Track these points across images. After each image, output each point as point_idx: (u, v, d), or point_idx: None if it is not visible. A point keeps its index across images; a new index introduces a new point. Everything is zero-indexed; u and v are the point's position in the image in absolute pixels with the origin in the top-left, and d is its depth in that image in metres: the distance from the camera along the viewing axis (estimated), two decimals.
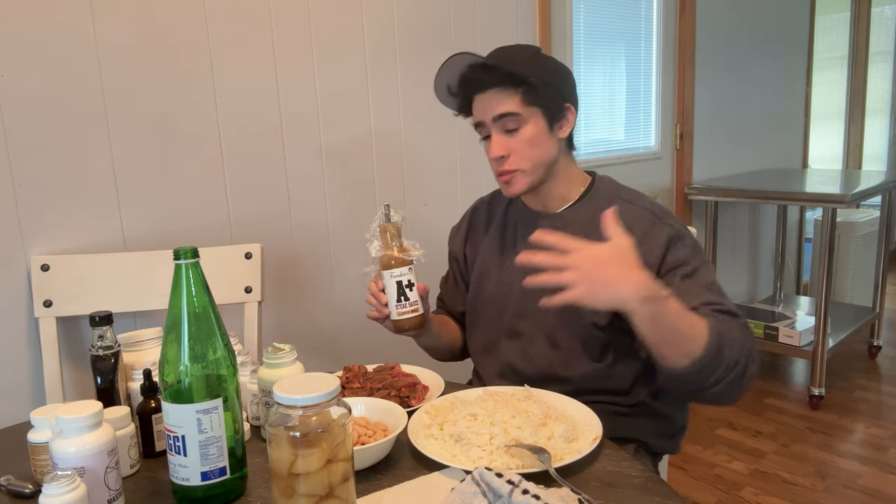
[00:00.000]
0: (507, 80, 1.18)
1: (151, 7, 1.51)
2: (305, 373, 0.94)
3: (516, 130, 1.19)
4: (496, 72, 1.19)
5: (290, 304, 1.83)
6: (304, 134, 1.79)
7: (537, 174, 1.22)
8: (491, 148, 1.21)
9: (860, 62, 4.49)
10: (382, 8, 1.91)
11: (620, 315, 1.10)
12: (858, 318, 3.20)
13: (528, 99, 1.18)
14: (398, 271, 1.15)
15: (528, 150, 1.20)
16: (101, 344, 1.01)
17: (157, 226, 1.57)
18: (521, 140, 1.20)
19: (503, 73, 1.18)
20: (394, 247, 1.16)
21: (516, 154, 1.20)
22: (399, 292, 1.16)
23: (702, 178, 3.21)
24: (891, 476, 2.28)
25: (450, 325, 1.42)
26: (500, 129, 1.20)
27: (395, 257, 1.15)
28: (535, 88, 1.19)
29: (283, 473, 0.74)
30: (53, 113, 1.41)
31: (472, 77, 1.22)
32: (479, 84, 1.21)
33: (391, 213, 1.17)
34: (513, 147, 1.20)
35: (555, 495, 0.78)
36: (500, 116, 1.19)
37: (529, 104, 1.19)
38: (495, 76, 1.19)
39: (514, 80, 1.18)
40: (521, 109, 1.19)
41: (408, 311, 1.16)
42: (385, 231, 1.17)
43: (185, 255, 0.84)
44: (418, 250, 1.17)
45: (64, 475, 0.74)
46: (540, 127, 1.20)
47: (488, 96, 1.20)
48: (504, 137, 1.20)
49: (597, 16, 2.66)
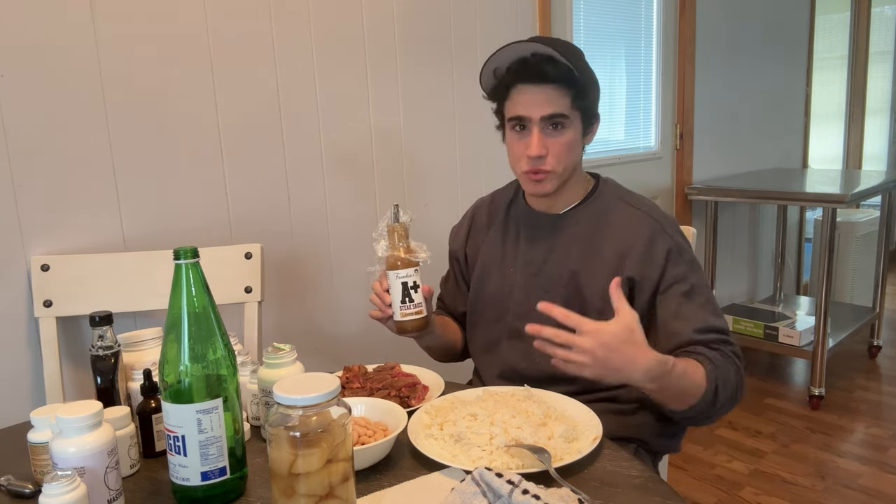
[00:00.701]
0: (565, 79, 1.15)
1: (152, 7, 1.51)
2: (305, 373, 0.94)
3: (560, 132, 1.17)
4: (561, 68, 1.14)
5: (290, 304, 1.83)
6: (304, 134, 1.79)
7: (565, 177, 1.22)
8: (531, 145, 1.17)
9: (860, 62, 4.48)
10: (382, 7, 1.91)
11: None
12: (858, 318, 3.20)
13: (576, 102, 1.17)
14: (404, 272, 1.14)
15: (565, 154, 1.19)
16: (101, 344, 1.01)
17: (157, 226, 1.57)
18: (561, 143, 1.18)
19: (567, 70, 1.15)
20: (401, 248, 1.15)
21: (554, 156, 1.18)
22: (404, 293, 1.15)
23: (702, 178, 3.21)
24: (891, 476, 2.27)
25: (450, 325, 1.41)
26: (544, 128, 1.17)
27: (402, 258, 1.14)
28: (585, 93, 1.17)
29: (283, 473, 0.74)
30: (53, 113, 1.41)
31: (533, 66, 1.16)
32: (538, 75, 1.16)
33: (400, 214, 1.16)
34: (552, 148, 1.18)
35: (555, 495, 0.78)
36: (550, 116, 1.16)
37: (576, 108, 1.17)
38: (559, 72, 1.15)
39: (571, 80, 1.15)
40: (569, 112, 1.17)
41: (412, 313, 1.15)
42: (393, 231, 1.16)
43: (185, 255, 0.84)
44: (425, 252, 1.16)
45: (64, 475, 0.74)
46: (578, 132, 1.20)
47: (542, 91, 1.16)
48: (545, 137, 1.17)
49: (597, 16, 2.66)
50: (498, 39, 2.19)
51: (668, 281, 1.15)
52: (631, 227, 1.20)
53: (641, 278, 1.16)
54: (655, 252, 1.17)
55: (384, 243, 1.16)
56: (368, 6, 1.88)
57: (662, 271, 1.16)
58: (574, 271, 1.21)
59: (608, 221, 1.23)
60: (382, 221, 1.17)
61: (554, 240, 1.25)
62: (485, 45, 2.17)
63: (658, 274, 1.16)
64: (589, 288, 1.20)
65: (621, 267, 1.18)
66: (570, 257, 1.22)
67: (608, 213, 1.24)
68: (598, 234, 1.22)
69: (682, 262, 1.17)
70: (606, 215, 1.23)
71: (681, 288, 1.15)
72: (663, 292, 1.15)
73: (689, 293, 1.15)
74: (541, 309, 0.98)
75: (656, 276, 1.15)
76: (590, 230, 1.23)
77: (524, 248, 1.28)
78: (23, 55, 1.36)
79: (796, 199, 3.01)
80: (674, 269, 1.16)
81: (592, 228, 1.23)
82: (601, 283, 1.18)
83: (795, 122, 3.92)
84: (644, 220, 1.21)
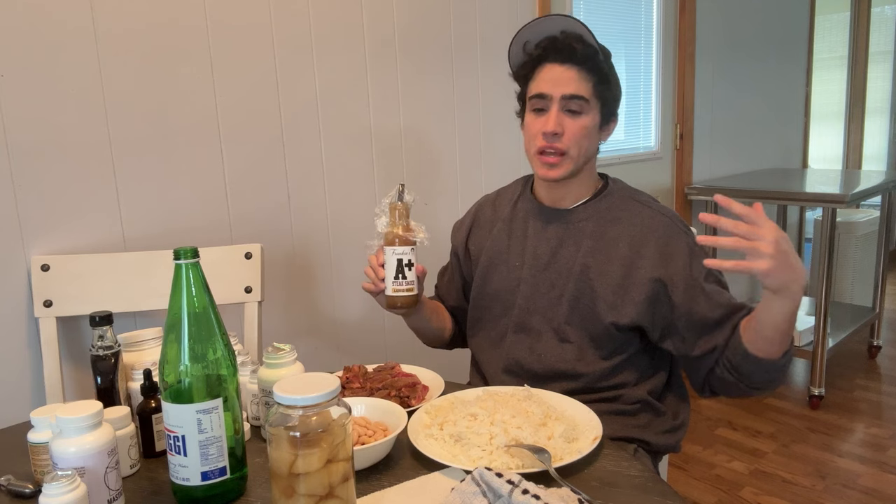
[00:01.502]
0: (591, 62, 1.18)
1: (151, 7, 1.51)
2: (305, 373, 0.94)
3: (578, 115, 1.19)
4: (589, 49, 1.18)
5: (290, 304, 1.83)
6: (304, 133, 1.79)
7: (578, 164, 1.22)
8: (548, 121, 1.18)
9: (860, 62, 4.49)
10: (382, 6, 1.91)
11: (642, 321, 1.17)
12: (858, 318, 3.20)
13: (598, 90, 1.19)
14: (401, 249, 1.16)
15: (580, 138, 1.20)
16: (101, 344, 1.01)
17: (157, 226, 1.57)
18: (579, 125, 1.19)
19: (593, 52, 1.18)
20: (400, 225, 1.18)
21: (570, 136, 1.19)
22: (398, 269, 1.17)
23: (702, 178, 3.21)
24: (891, 476, 2.28)
25: (442, 312, 1.43)
26: (563, 108, 1.19)
27: (400, 235, 1.17)
28: (607, 81, 1.20)
29: (283, 473, 0.74)
30: (53, 113, 1.41)
31: (563, 44, 1.19)
32: (566, 53, 1.18)
33: (404, 194, 1.18)
34: (569, 128, 1.19)
35: (555, 495, 0.78)
36: (571, 96, 1.18)
37: (597, 96, 1.19)
38: (586, 52, 1.18)
39: (596, 65, 1.18)
40: (590, 97, 1.19)
41: (403, 290, 1.18)
42: (394, 209, 1.18)
43: (185, 255, 0.84)
44: (423, 233, 1.19)
45: (64, 475, 0.74)
46: (596, 121, 1.21)
47: (566, 70, 1.18)
48: (564, 116, 1.19)
49: (597, 16, 2.66)
50: (498, 39, 2.20)
51: (696, 276, 1.17)
52: (644, 223, 1.21)
53: (671, 276, 1.17)
54: (676, 249, 1.18)
55: (385, 219, 1.19)
56: (368, 4, 1.88)
57: (689, 268, 1.17)
58: (585, 265, 1.21)
59: (620, 218, 1.23)
60: (386, 198, 1.19)
61: (564, 234, 1.26)
62: (485, 44, 2.17)
63: (686, 271, 1.17)
64: (600, 281, 1.20)
65: (635, 261, 1.18)
66: (582, 251, 1.23)
67: (620, 210, 1.24)
68: (610, 229, 1.23)
69: (701, 257, 1.18)
70: (618, 212, 1.24)
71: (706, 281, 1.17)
72: (690, 288, 1.16)
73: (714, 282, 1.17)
74: (717, 200, 0.97)
75: (685, 273, 1.17)
76: (601, 225, 1.24)
77: (532, 242, 1.29)
78: (23, 55, 1.36)
79: (796, 199, 3.01)
80: (697, 266, 1.18)
81: (604, 224, 1.24)
82: (614, 277, 1.19)
83: (795, 122, 3.92)
84: (657, 217, 1.22)
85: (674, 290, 1.17)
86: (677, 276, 1.17)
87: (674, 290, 1.17)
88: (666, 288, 1.17)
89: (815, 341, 2.78)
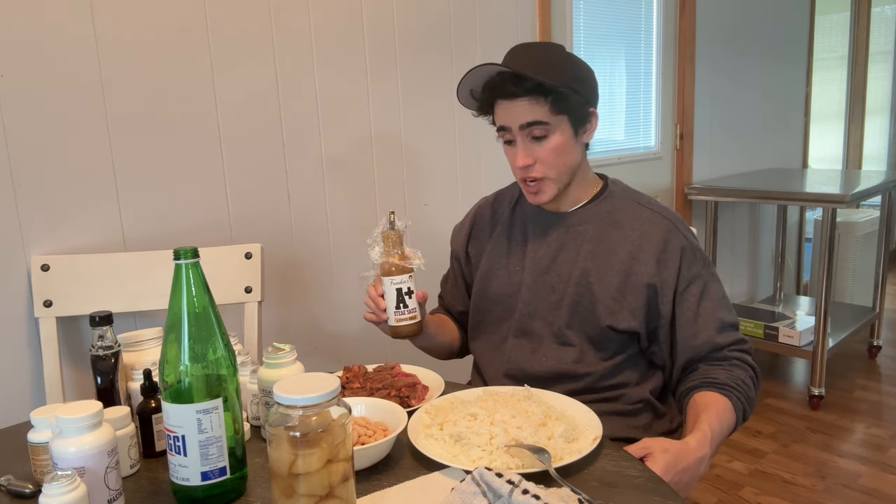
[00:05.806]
0: (536, 91, 1.15)
1: (151, 7, 1.51)
2: (305, 373, 0.94)
3: (544, 138, 1.18)
4: (526, 83, 1.15)
5: (290, 305, 1.83)
6: (304, 134, 1.79)
7: (563, 181, 1.22)
8: (517, 156, 1.19)
9: (860, 62, 4.48)
10: (382, 8, 1.91)
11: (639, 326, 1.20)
12: (858, 318, 3.20)
13: (556, 108, 1.16)
14: (398, 279, 1.15)
15: (555, 159, 1.19)
16: (101, 344, 1.01)
17: (157, 226, 1.57)
18: (548, 149, 1.18)
19: (533, 85, 1.15)
20: (395, 254, 1.17)
21: (543, 163, 1.19)
22: (398, 299, 1.16)
23: (702, 178, 3.21)
24: (891, 476, 2.27)
25: (447, 325, 1.42)
26: (527, 137, 1.18)
27: (396, 264, 1.16)
28: (563, 97, 1.16)
29: (283, 473, 0.74)
30: (53, 113, 1.41)
31: (500, 85, 1.17)
32: (506, 93, 1.17)
33: (395, 221, 1.17)
34: (539, 155, 1.19)
35: (555, 495, 0.78)
36: (528, 125, 1.17)
37: (557, 112, 1.17)
38: (524, 87, 1.15)
39: (543, 88, 1.15)
40: (549, 118, 1.16)
41: (406, 319, 1.17)
42: (387, 238, 1.17)
43: (185, 255, 0.84)
44: (419, 259, 1.18)
45: (64, 475, 0.74)
46: (567, 135, 1.19)
47: (516, 104, 1.17)
48: (530, 145, 1.19)
49: (597, 16, 2.66)
50: (498, 39, 2.20)
51: (685, 281, 1.18)
52: (643, 226, 1.22)
53: (661, 282, 1.18)
54: (670, 253, 1.19)
55: (378, 249, 1.18)
56: (368, 6, 1.88)
57: (679, 272, 1.19)
58: (585, 269, 1.22)
59: (619, 220, 1.23)
60: (377, 227, 1.18)
61: (564, 238, 1.26)
62: (485, 45, 2.17)
63: (675, 275, 1.18)
64: (599, 286, 1.20)
65: (633, 267, 1.19)
66: (581, 255, 1.23)
67: (619, 212, 1.25)
68: (609, 232, 1.23)
69: (696, 261, 1.20)
70: (617, 214, 1.24)
71: (697, 287, 1.19)
72: (681, 292, 1.19)
73: (704, 292, 1.19)
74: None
75: (674, 278, 1.18)
76: (600, 229, 1.24)
77: (532, 246, 1.29)
78: (23, 55, 1.36)
79: (796, 199, 3.01)
80: (689, 269, 1.19)
81: (603, 227, 1.24)
82: (613, 281, 1.19)
83: (795, 122, 3.92)
84: (656, 219, 1.22)
85: (662, 295, 1.18)
86: (667, 282, 1.18)
87: (662, 296, 1.18)
88: (656, 293, 1.19)
89: (815, 341, 2.78)
